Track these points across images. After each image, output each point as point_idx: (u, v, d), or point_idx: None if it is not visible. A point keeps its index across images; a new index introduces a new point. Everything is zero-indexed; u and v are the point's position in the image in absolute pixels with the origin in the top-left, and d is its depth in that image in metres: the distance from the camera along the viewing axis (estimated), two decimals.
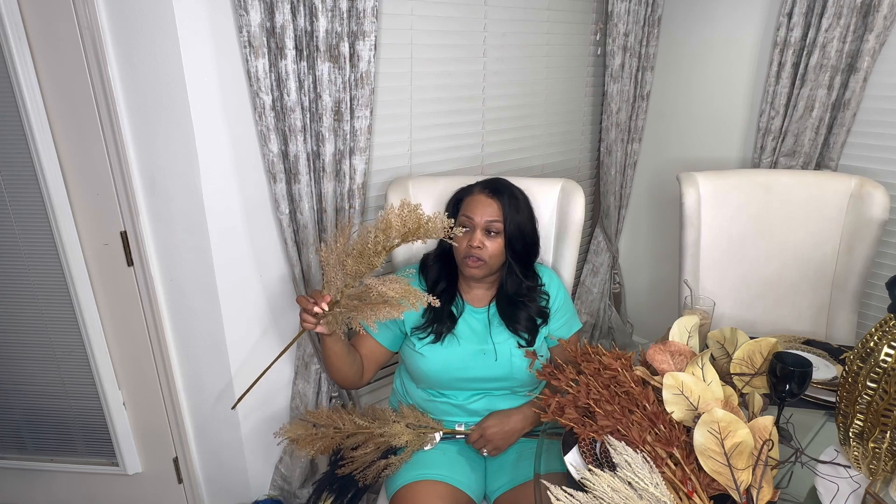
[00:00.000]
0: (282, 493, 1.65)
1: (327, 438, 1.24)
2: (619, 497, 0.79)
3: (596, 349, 1.08)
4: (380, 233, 1.04)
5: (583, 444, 0.93)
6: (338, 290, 1.08)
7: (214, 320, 1.40)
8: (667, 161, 2.18)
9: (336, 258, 1.08)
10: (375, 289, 1.04)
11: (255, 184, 1.35)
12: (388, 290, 1.04)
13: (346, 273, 1.07)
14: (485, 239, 1.20)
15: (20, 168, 1.27)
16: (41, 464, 1.57)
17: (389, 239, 1.05)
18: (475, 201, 1.24)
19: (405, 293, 1.04)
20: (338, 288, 1.08)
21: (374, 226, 1.06)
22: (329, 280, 1.09)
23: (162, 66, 1.19)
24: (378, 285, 1.04)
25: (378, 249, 1.05)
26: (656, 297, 2.39)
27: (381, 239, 1.04)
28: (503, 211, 1.21)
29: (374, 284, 1.04)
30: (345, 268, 1.07)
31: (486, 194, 1.24)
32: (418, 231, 1.04)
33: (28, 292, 1.39)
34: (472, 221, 1.21)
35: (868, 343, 0.83)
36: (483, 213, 1.21)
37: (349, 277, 1.07)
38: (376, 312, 1.04)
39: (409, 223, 1.03)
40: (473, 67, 1.73)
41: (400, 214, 1.03)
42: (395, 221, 1.03)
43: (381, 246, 1.05)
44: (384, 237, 1.04)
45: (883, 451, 0.82)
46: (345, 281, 1.08)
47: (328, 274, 1.09)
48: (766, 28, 1.81)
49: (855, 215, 1.55)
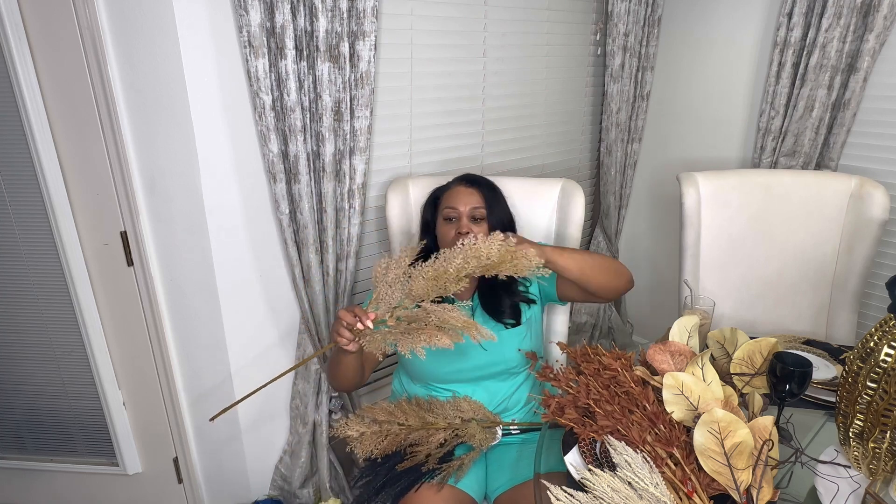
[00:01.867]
0: (282, 493, 1.65)
1: (392, 435, 1.16)
2: (619, 497, 0.79)
3: (596, 349, 1.08)
4: (471, 259, 0.99)
5: (583, 444, 0.93)
6: (388, 310, 1.02)
7: (214, 320, 1.40)
8: (667, 161, 2.18)
9: (394, 276, 1.02)
10: (437, 315, 0.98)
11: (255, 184, 1.35)
12: (451, 318, 0.98)
13: (409, 293, 1.01)
14: (471, 224, 1.23)
15: (20, 168, 1.27)
16: (41, 464, 1.57)
17: (477, 267, 1.00)
18: (456, 192, 1.28)
19: (467, 325, 0.99)
20: (388, 307, 1.02)
21: (462, 252, 1.01)
22: (379, 298, 1.03)
23: (162, 66, 1.19)
24: (440, 312, 0.98)
25: (461, 276, 1.00)
26: (656, 297, 2.39)
27: (470, 266, 0.99)
28: (485, 199, 1.27)
29: (435, 310, 0.99)
30: (410, 288, 1.00)
31: (465, 185, 1.30)
32: (506, 265, 1.00)
33: (28, 292, 1.39)
34: (457, 211, 1.26)
35: (868, 343, 0.82)
36: (466, 201, 1.26)
37: (408, 299, 1.02)
38: (429, 339, 0.97)
39: (502, 255, 0.99)
40: (473, 67, 1.73)
41: (491, 244, 0.99)
42: (487, 251, 0.99)
43: (466, 272, 0.99)
44: (474, 263, 0.99)
45: (883, 451, 0.82)
46: (401, 301, 1.02)
47: (379, 291, 1.04)
48: (766, 28, 1.80)
49: (855, 215, 1.55)
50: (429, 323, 1.00)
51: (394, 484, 1.14)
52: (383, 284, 1.03)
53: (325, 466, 1.59)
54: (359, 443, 1.16)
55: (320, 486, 1.62)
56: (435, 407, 1.21)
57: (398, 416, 1.17)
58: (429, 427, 1.16)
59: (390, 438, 1.16)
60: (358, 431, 1.16)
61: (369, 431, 1.16)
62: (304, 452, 1.59)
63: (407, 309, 1.03)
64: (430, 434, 1.15)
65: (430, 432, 1.16)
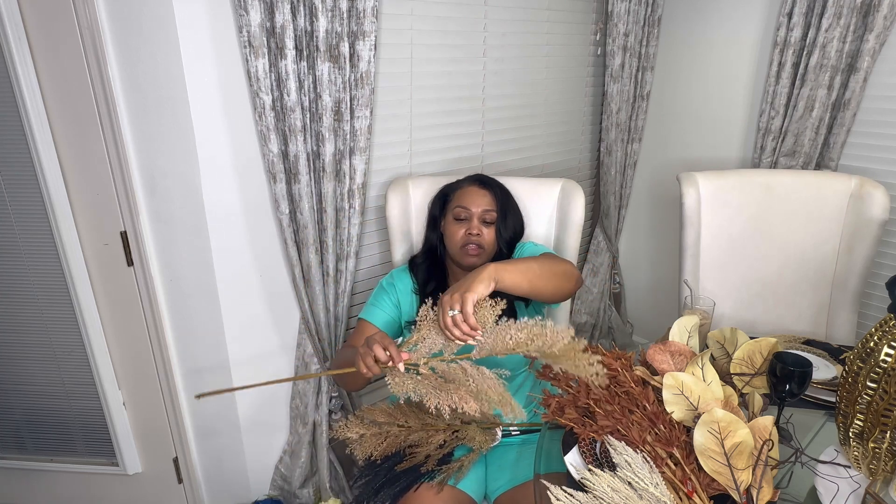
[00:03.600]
0: (282, 493, 1.65)
1: (392, 437, 1.14)
2: (619, 497, 0.79)
3: (596, 349, 1.08)
4: (537, 339, 0.93)
5: (583, 444, 0.93)
6: (424, 356, 0.97)
7: (214, 320, 1.40)
8: (667, 161, 2.18)
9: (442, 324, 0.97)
10: (475, 381, 0.93)
11: (255, 184, 1.35)
12: (488, 388, 0.93)
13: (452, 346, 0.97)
14: (481, 227, 1.23)
15: (20, 168, 1.27)
16: (41, 464, 1.57)
17: (536, 351, 0.95)
18: (469, 192, 1.29)
19: (503, 401, 0.94)
20: (425, 354, 0.97)
21: (528, 330, 0.95)
22: (419, 340, 0.99)
23: (162, 66, 1.19)
24: (479, 379, 0.94)
25: (516, 350, 0.94)
26: (656, 297, 2.39)
27: (531, 348, 0.94)
28: (497, 202, 1.28)
29: (474, 376, 0.94)
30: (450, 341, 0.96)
31: (478, 186, 1.30)
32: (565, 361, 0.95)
33: (28, 292, 1.39)
34: (469, 211, 1.26)
35: (868, 343, 0.82)
36: (479, 203, 1.27)
37: (447, 347, 0.97)
38: (459, 402, 0.91)
39: (564, 352, 0.94)
40: (473, 67, 1.73)
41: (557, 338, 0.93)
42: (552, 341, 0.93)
43: (522, 351, 0.95)
44: (535, 346, 0.94)
45: (883, 451, 0.82)
46: (440, 352, 0.97)
47: (421, 332, 0.99)
48: (766, 28, 1.80)
49: (855, 215, 1.55)
50: (464, 385, 0.94)
51: (393, 484, 1.14)
52: (427, 328, 0.99)
53: (325, 466, 1.59)
54: (358, 444, 1.15)
55: (320, 486, 1.62)
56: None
57: (398, 418, 1.17)
58: (428, 428, 1.16)
59: (390, 440, 1.15)
60: (357, 433, 1.15)
61: (369, 433, 1.15)
62: (304, 452, 1.59)
63: (444, 362, 0.97)
64: (430, 435, 1.15)
65: (430, 434, 1.15)
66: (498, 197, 1.29)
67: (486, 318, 0.99)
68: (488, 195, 1.28)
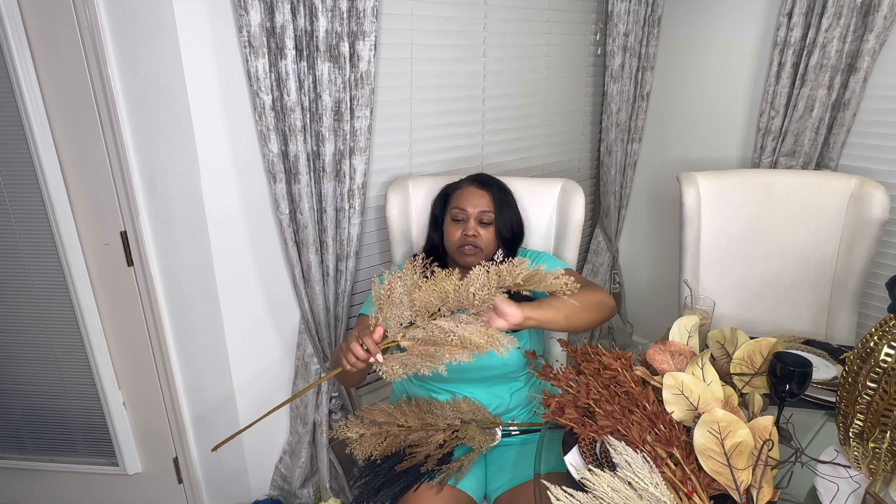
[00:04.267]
0: (282, 493, 1.65)
1: (391, 437, 1.14)
2: (619, 497, 0.79)
3: (596, 349, 1.08)
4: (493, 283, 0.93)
5: (583, 444, 0.93)
6: (399, 330, 0.96)
7: (214, 320, 1.40)
8: (667, 161, 2.18)
9: (399, 293, 0.96)
10: (457, 333, 0.93)
11: (255, 184, 1.35)
12: (471, 335, 0.92)
13: (413, 306, 0.95)
14: (478, 227, 1.23)
15: (20, 168, 1.27)
16: (41, 464, 1.57)
17: (500, 286, 0.94)
18: (467, 193, 1.30)
19: (491, 340, 0.93)
20: (399, 328, 0.96)
21: (490, 279, 0.95)
22: (386, 319, 0.97)
23: (162, 66, 1.19)
24: (458, 329, 0.93)
25: (484, 296, 0.93)
26: (656, 297, 2.39)
27: (493, 284, 0.93)
28: (494, 202, 1.28)
29: (452, 328, 0.93)
30: (413, 299, 0.94)
31: (477, 186, 1.31)
32: (534, 282, 0.95)
33: (28, 292, 1.39)
34: (465, 212, 1.27)
35: (868, 343, 0.82)
36: (476, 203, 1.27)
37: (416, 315, 0.95)
38: (450, 356, 0.92)
39: (529, 277, 0.94)
40: (473, 67, 1.73)
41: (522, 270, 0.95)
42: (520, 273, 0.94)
43: (489, 293, 0.93)
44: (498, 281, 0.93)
45: (883, 451, 0.82)
46: (411, 319, 0.95)
47: (384, 311, 0.97)
48: (766, 28, 1.80)
49: (855, 215, 1.55)
50: (448, 341, 0.94)
51: (393, 484, 1.14)
52: (387, 307, 0.97)
53: (325, 466, 1.59)
54: (358, 444, 1.15)
55: (320, 486, 1.62)
56: (434, 408, 1.20)
57: (398, 418, 1.17)
58: (428, 428, 1.16)
59: (390, 440, 1.15)
60: (357, 433, 1.16)
61: (369, 433, 1.15)
62: (304, 452, 1.59)
63: (421, 328, 0.97)
64: (430, 435, 1.15)
65: (430, 433, 1.15)
66: (496, 197, 1.29)
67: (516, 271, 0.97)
68: (486, 196, 1.29)
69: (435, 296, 0.97)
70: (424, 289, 0.98)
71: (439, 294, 0.97)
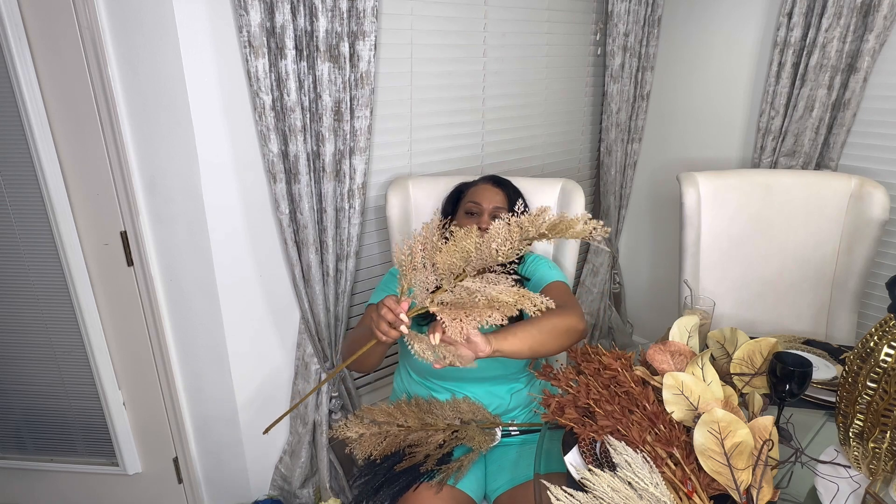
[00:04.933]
0: (282, 493, 1.65)
1: (391, 437, 1.13)
2: (619, 497, 0.79)
3: (596, 349, 1.08)
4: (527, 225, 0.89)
5: (583, 444, 0.93)
6: (427, 296, 0.91)
7: (214, 320, 1.40)
8: (667, 161, 2.18)
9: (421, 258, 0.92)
10: (483, 293, 0.89)
11: (255, 184, 1.35)
12: (499, 294, 0.88)
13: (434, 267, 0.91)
14: (492, 222, 1.23)
15: (20, 168, 1.27)
16: (41, 464, 1.57)
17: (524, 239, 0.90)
18: (482, 189, 1.33)
19: (520, 297, 0.89)
20: (426, 293, 0.92)
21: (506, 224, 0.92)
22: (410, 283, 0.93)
23: (162, 66, 1.19)
24: (486, 289, 0.89)
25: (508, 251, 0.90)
26: (656, 297, 2.39)
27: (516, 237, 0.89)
28: (508, 201, 1.32)
29: (479, 288, 0.89)
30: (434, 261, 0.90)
31: (492, 184, 1.35)
32: (560, 230, 0.90)
33: (28, 292, 1.39)
34: (480, 207, 1.30)
35: (868, 343, 0.82)
36: (491, 199, 1.31)
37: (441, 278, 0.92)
38: (481, 318, 0.87)
39: (552, 225, 0.90)
40: (473, 67, 1.73)
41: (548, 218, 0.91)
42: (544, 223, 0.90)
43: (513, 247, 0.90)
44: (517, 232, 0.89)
45: (883, 451, 0.82)
46: (437, 283, 0.91)
47: (409, 276, 0.93)
48: (766, 28, 1.80)
49: (855, 215, 1.55)
50: (476, 303, 0.89)
51: (392, 484, 1.14)
52: (412, 271, 0.93)
53: (325, 466, 1.59)
54: (358, 444, 1.15)
55: (320, 486, 1.62)
56: (434, 408, 1.20)
57: (397, 418, 1.16)
58: (428, 428, 1.16)
59: (390, 439, 1.15)
60: (357, 433, 1.15)
61: (369, 433, 1.15)
62: (304, 452, 1.59)
63: (448, 291, 0.92)
64: (430, 435, 1.15)
65: (430, 433, 1.15)
66: (510, 197, 1.33)
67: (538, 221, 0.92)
68: (501, 193, 1.33)
69: (457, 256, 0.93)
70: (445, 250, 0.94)
71: (461, 254, 0.93)
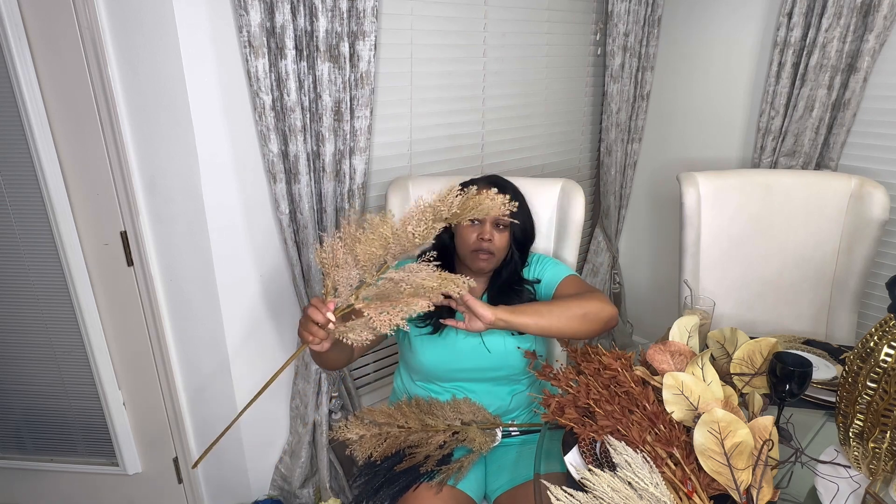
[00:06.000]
0: (282, 493, 1.65)
1: (392, 438, 1.13)
2: (619, 497, 0.79)
3: (596, 349, 1.08)
4: (433, 209, 0.91)
5: (583, 444, 0.93)
6: (350, 293, 0.93)
7: (214, 320, 1.40)
8: (667, 161, 2.18)
9: (343, 254, 0.93)
10: (408, 281, 0.90)
11: (255, 184, 1.35)
12: (423, 280, 0.89)
13: (356, 260, 0.92)
14: (494, 232, 1.22)
15: (20, 168, 1.27)
16: (41, 464, 1.57)
17: (437, 220, 0.91)
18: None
19: (444, 280, 0.91)
20: (350, 290, 0.93)
21: (421, 207, 0.94)
22: (336, 284, 0.94)
23: (162, 66, 1.19)
24: (409, 276, 0.90)
25: (423, 232, 0.91)
26: (656, 297, 2.39)
27: (429, 218, 0.91)
28: None
29: (403, 277, 0.91)
30: (356, 253, 0.91)
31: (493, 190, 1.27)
32: (471, 209, 0.94)
33: (28, 292, 1.39)
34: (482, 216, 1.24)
35: (868, 343, 0.82)
36: None
37: (364, 271, 0.93)
38: (408, 307, 0.88)
39: (464, 201, 0.94)
40: (473, 67, 1.73)
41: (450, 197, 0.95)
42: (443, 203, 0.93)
43: (428, 228, 0.91)
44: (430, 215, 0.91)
45: (883, 451, 0.82)
46: (360, 278, 0.93)
47: (332, 275, 0.94)
48: (766, 28, 1.80)
49: (855, 215, 1.54)
50: (402, 292, 0.92)
51: (392, 484, 1.14)
52: (334, 269, 0.94)
53: (325, 466, 1.59)
54: (358, 445, 1.15)
55: (320, 486, 1.62)
56: (435, 409, 1.20)
57: (398, 419, 1.16)
58: (428, 429, 1.15)
59: (390, 440, 1.15)
60: (357, 434, 1.15)
61: (369, 434, 1.15)
62: (304, 452, 1.59)
63: (372, 285, 0.94)
64: (430, 436, 1.15)
65: (430, 434, 1.15)
66: (512, 201, 1.27)
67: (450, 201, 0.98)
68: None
69: (376, 245, 0.94)
70: (364, 240, 0.95)
71: (380, 242, 0.94)
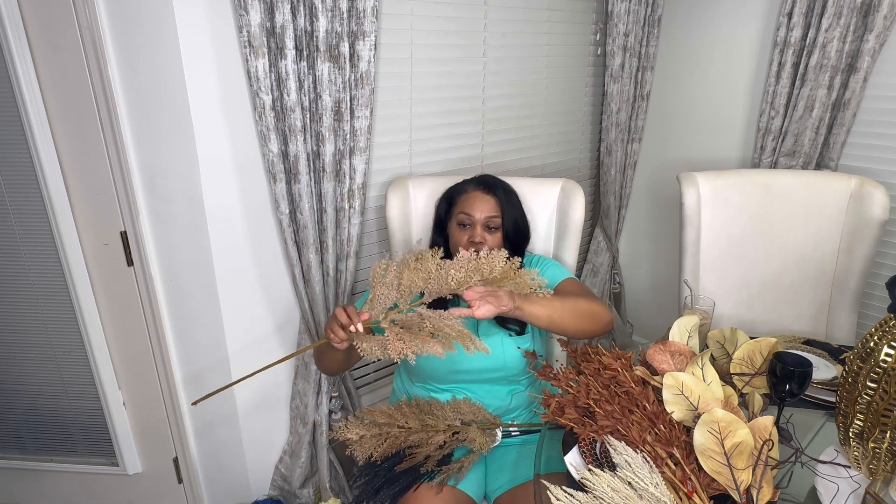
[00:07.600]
0: (282, 493, 1.65)
1: (392, 438, 1.15)
2: (619, 497, 0.79)
3: (596, 349, 1.08)
4: (473, 273, 1.00)
5: (583, 444, 0.93)
6: (382, 311, 0.99)
7: (214, 320, 1.40)
8: (667, 161, 2.18)
9: (392, 278, 1.00)
10: (432, 322, 0.96)
11: (255, 184, 1.35)
12: (445, 326, 0.95)
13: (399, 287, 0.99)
14: (485, 234, 1.22)
15: (20, 168, 1.27)
16: (41, 464, 1.57)
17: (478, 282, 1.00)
18: (472, 198, 1.28)
19: (461, 336, 0.97)
20: (383, 309, 0.99)
21: (465, 266, 1.02)
22: (375, 299, 1.01)
23: (162, 66, 1.19)
24: (436, 319, 0.96)
25: (461, 289, 1.00)
26: (656, 297, 2.39)
27: (472, 280, 0.99)
28: (500, 206, 1.26)
29: (430, 316, 0.97)
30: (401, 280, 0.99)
31: (482, 191, 1.29)
32: (507, 282, 1.02)
33: (28, 292, 1.39)
34: (472, 218, 1.25)
35: (868, 343, 0.82)
36: (482, 208, 1.26)
37: (401, 297, 1.00)
38: (421, 346, 0.94)
39: (504, 273, 1.01)
40: (473, 67, 1.73)
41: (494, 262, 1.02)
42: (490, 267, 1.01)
43: (466, 287, 0.99)
44: (476, 278, 0.99)
45: (883, 451, 0.82)
46: (396, 303, 0.99)
47: (376, 292, 1.01)
48: (766, 28, 1.80)
49: (855, 215, 1.54)
50: (423, 328, 0.97)
51: (393, 484, 1.13)
52: (381, 286, 1.02)
53: (325, 466, 1.59)
54: (358, 445, 1.15)
55: (320, 486, 1.62)
56: (435, 409, 1.20)
57: (398, 419, 1.16)
58: (429, 430, 1.15)
59: (390, 441, 1.15)
60: (357, 434, 1.15)
61: (369, 434, 1.15)
62: (304, 452, 1.59)
63: (402, 313, 1.00)
64: (430, 436, 1.15)
65: (430, 435, 1.15)
66: (502, 200, 1.27)
67: (493, 264, 1.04)
68: (492, 200, 1.27)
69: (419, 275, 1.02)
70: (412, 267, 1.02)
71: (423, 274, 1.02)
